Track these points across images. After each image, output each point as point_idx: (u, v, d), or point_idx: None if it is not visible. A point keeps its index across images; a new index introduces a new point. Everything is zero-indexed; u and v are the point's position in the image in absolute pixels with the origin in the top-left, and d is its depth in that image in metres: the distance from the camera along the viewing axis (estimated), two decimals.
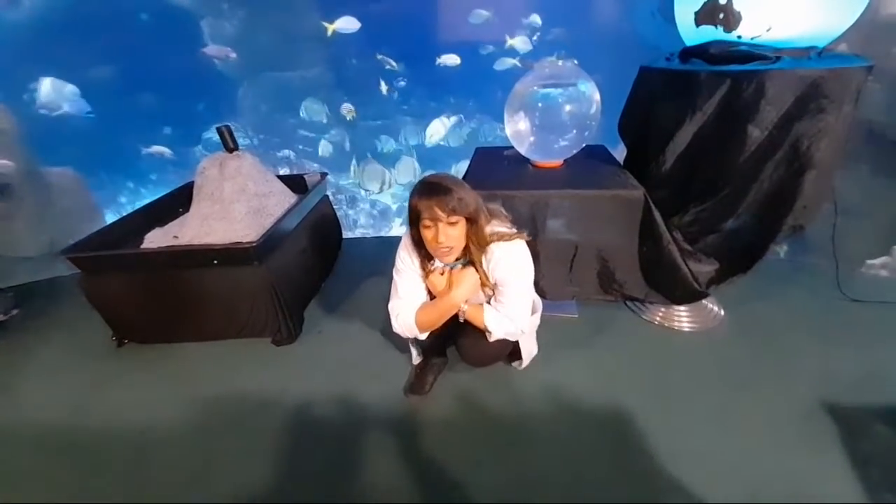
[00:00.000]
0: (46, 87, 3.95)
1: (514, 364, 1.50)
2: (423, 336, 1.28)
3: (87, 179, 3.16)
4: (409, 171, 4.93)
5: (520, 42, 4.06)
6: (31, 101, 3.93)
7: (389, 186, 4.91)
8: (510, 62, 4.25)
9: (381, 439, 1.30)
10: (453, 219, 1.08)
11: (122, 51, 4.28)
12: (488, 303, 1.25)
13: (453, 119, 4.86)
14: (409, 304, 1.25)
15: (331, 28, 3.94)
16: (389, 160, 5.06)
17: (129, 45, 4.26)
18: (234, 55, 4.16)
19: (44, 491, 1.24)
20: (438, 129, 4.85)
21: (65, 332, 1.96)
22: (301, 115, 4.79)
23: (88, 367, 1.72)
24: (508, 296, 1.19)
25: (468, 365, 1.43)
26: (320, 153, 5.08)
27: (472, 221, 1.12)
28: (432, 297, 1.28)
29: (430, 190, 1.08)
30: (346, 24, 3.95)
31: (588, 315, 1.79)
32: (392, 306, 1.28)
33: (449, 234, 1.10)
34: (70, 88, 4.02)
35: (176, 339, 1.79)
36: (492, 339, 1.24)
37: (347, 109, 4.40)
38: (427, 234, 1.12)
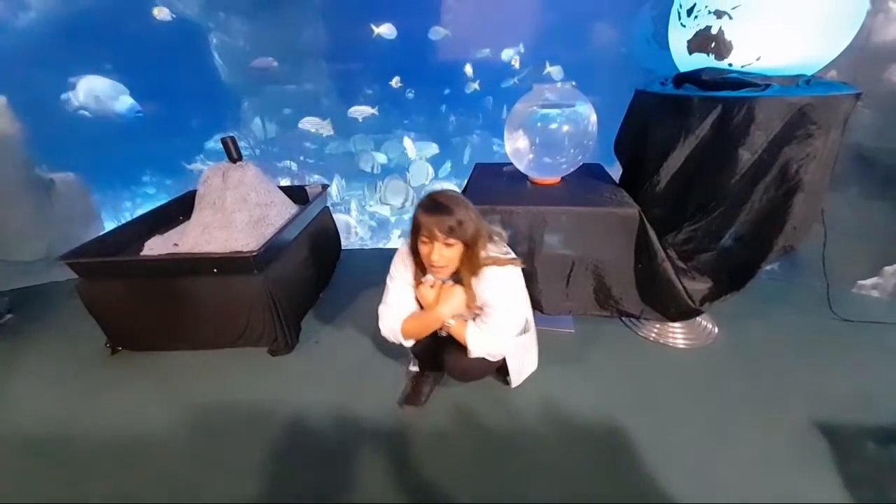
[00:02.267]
0: (90, 87, 3.87)
1: (508, 379, 1.50)
2: (408, 344, 1.31)
3: (96, 183, 3.16)
4: (422, 175, 4.98)
5: (556, 71, 4.15)
6: (65, 101, 3.86)
7: (412, 203, 4.94)
8: (474, 86, 4.53)
9: (375, 450, 1.30)
10: (450, 241, 1.10)
11: (127, 60, 4.33)
12: (473, 320, 1.27)
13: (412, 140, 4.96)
14: (396, 312, 1.28)
15: (376, 31, 4.14)
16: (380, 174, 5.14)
17: (133, 54, 4.32)
18: (275, 64, 4.29)
19: (35, 498, 1.22)
20: (409, 147, 4.92)
21: (59, 338, 1.95)
22: (254, 132, 4.86)
23: (81, 374, 1.70)
24: (493, 317, 1.21)
25: (453, 379, 1.43)
26: (322, 165, 5.14)
27: (468, 246, 1.13)
28: (421, 306, 1.30)
29: (433, 208, 1.09)
30: (388, 30, 4.18)
31: (584, 330, 1.80)
32: (381, 310, 1.31)
33: (443, 254, 1.11)
34: (119, 88, 3.96)
35: (171, 348, 1.78)
36: (471, 356, 1.25)
37: (313, 123, 4.43)
38: (423, 250, 1.14)
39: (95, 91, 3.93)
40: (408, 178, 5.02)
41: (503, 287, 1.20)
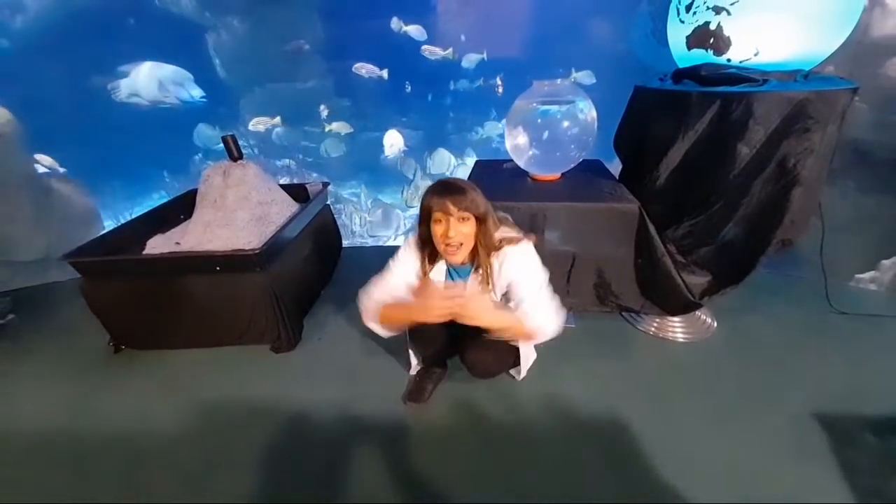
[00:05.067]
0: (148, 74, 3.81)
1: (513, 372, 1.51)
2: (382, 331, 1.29)
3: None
4: (443, 165, 4.95)
5: (584, 76, 4.10)
6: (110, 91, 3.86)
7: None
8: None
9: (378, 446, 1.31)
10: (464, 214, 1.13)
11: (123, 56, 4.31)
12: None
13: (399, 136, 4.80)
14: (384, 291, 1.28)
15: (404, 28, 4.19)
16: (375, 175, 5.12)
17: (131, 51, 4.30)
18: (307, 46, 4.33)
19: (38, 496, 1.23)
20: (395, 141, 4.76)
21: (61, 338, 1.95)
22: (195, 142, 4.82)
23: (84, 373, 1.71)
24: (529, 291, 1.20)
25: (476, 378, 1.43)
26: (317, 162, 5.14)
27: (481, 221, 1.16)
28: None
29: (443, 188, 1.14)
30: (417, 31, 4.21)
31: (584, 325, 1.81)
32: (369, 286, 1.30)
33: (459, 230, 1.14)
34: (183, 74, 3.91)
35: (174, 346, 1.79)
36: (546, 336, 1.20)
37: (259, 121, 4.35)
38: (437, 230, 1.15)
39: (156, 78, 3.88)
40: (428, 166, 4.96)
41: (525, 261, 1.22)
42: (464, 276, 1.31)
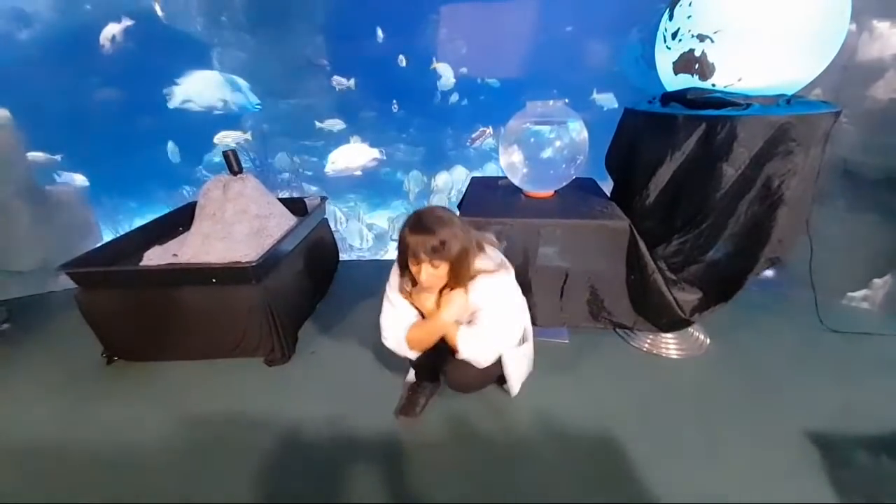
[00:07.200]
0: (199, 81, 4.00)
1: (505, 387, 1.51)
2: (413, 355, 1.30)
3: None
4: (460, 178, 5.02)
5: (606, 98, 4.14)
6: (166, 97, 4.05)
7: None
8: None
9: (369, 461, 1.30)
10: (435, 262, 1.10)
11: (123, 71, 4.43)
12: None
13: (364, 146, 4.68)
14: (400, 321, 1.27)
15: (434, 65, 4.53)
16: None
17: (132, 64, 4.42)
18: (328, 66, 4.62)
19: None
20: (346, 155, 4.63)
21: (55, 348, 1.95)
22: (169, 157, 4.89)
23: (77, 384, 1.70)
24: (481, 320, 1.21)
25: (453, 390, 1.42)
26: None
27: (454, 265, 1.13)
28: (422, 315, 1.30)
29: (417, 228, 1.10)
30: (444, 69, 4.51)
31: (578, 341, 1.82)
32: (383, 322, 1.30)
33: (430, 274, 1.13)
34: (240, 81, 4.08)
35: (169, 357, 1.78)
36: (459, 356, 1.23)
37: (226, 135, 4.38)
38: (412, 268, 1.16)
39: (211, 85, 4.04)
40: (445, 178, 5.04)
41: (492, 294, 1.21)
42: None
